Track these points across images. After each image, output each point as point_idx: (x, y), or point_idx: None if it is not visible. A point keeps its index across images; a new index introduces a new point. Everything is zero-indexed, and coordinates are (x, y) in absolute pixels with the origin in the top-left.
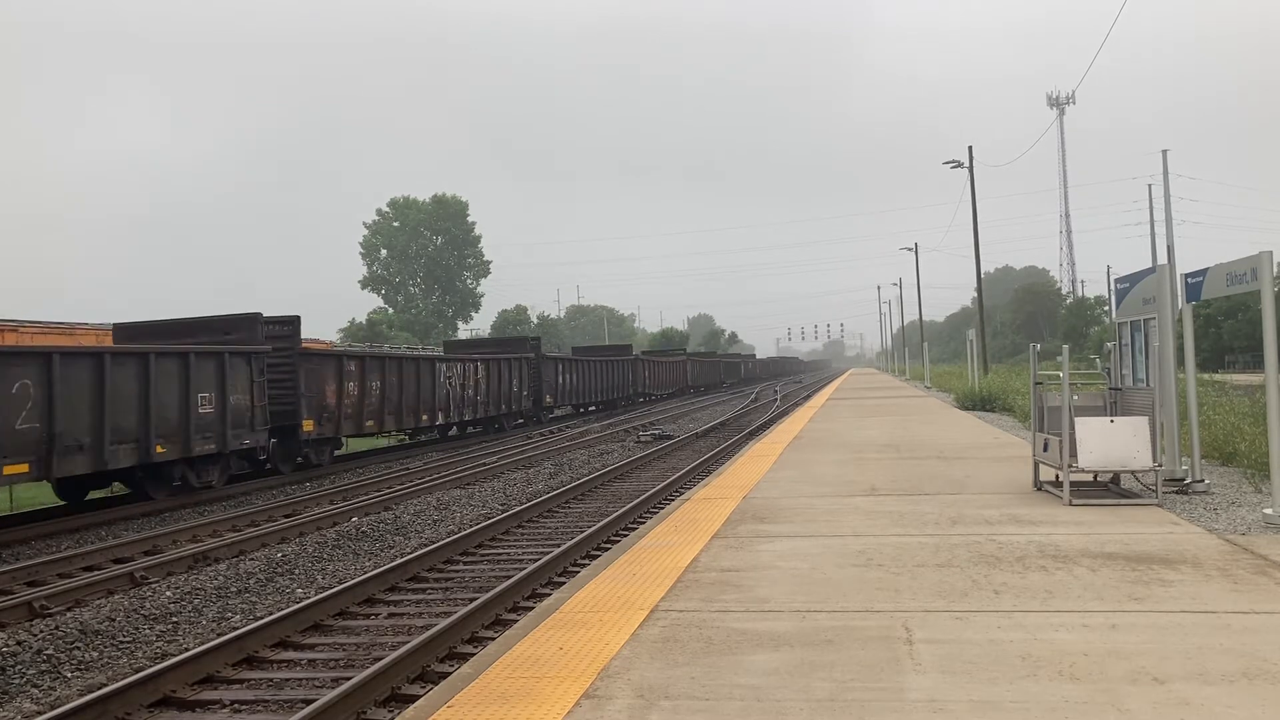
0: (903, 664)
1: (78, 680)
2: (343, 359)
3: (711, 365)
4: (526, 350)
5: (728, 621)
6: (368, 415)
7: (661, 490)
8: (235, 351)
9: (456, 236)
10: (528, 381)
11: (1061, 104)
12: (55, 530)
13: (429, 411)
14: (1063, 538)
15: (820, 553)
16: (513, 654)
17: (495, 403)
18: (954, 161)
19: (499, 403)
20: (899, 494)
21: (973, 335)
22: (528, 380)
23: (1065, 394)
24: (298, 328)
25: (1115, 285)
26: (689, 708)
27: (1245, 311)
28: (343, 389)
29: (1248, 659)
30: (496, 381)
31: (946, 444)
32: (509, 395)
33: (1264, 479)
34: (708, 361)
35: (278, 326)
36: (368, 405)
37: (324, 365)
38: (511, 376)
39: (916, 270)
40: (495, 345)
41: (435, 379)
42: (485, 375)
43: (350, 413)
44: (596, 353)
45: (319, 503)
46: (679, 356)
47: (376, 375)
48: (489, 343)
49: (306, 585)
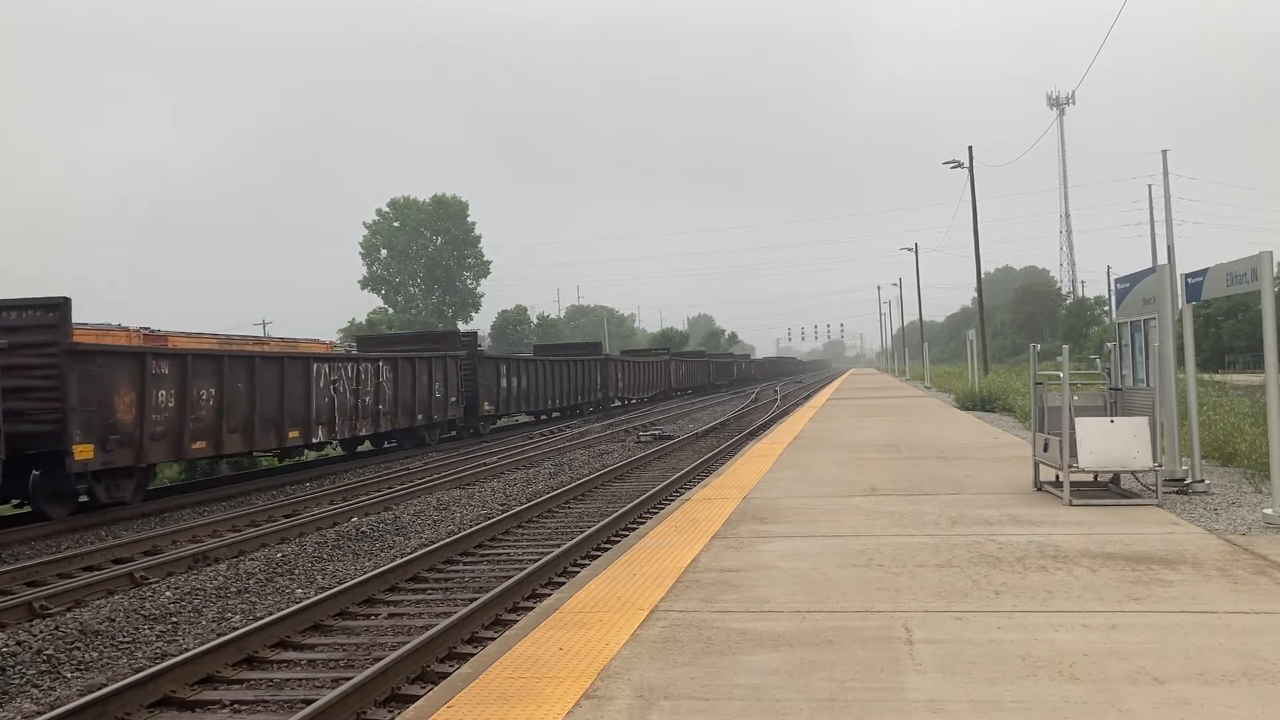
0: (903, 664)
1: (78, 680)
2: (147, 358)
3: (699, 366)
4: (456, 347)
5: (728, 622)
6: (195, 434)
7: (661, 490)
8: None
9: (456, 237)
10: (456, 385)
11: (1061, 104)
12: (55, 530)
13: (301, 426)
14: (1063, 538)
15: (820, 553)
16: (513, 654)
17: (406, 412)
18: (954, 161)
19: (412, 412)
20: (899, 494)
21: (973, 335)
22: (456, 384)
23: (1065, 394)
24: (67, 313)
25: (1115, 285)
26: (689, 708)
27: (1245, 311)
28: (148, 399)
29: (1248, 659)
30: (410, 386)
31: (946, 444)
32: (428, 403)
33: (1264, 479)
34: (695, 362)
35: (29, 314)
36: (194, 420)
37: (113, 368)
38: (431, 379)
39: (916, 270)
40: (417, 341)
41: (311, 384)
42: (393, 378)
43: (162, 432)
44: (558, 351)
45: (319, 503)
46: (661, 356)
47: (208, 380)
48: (411, 338)
49: (306, 585)
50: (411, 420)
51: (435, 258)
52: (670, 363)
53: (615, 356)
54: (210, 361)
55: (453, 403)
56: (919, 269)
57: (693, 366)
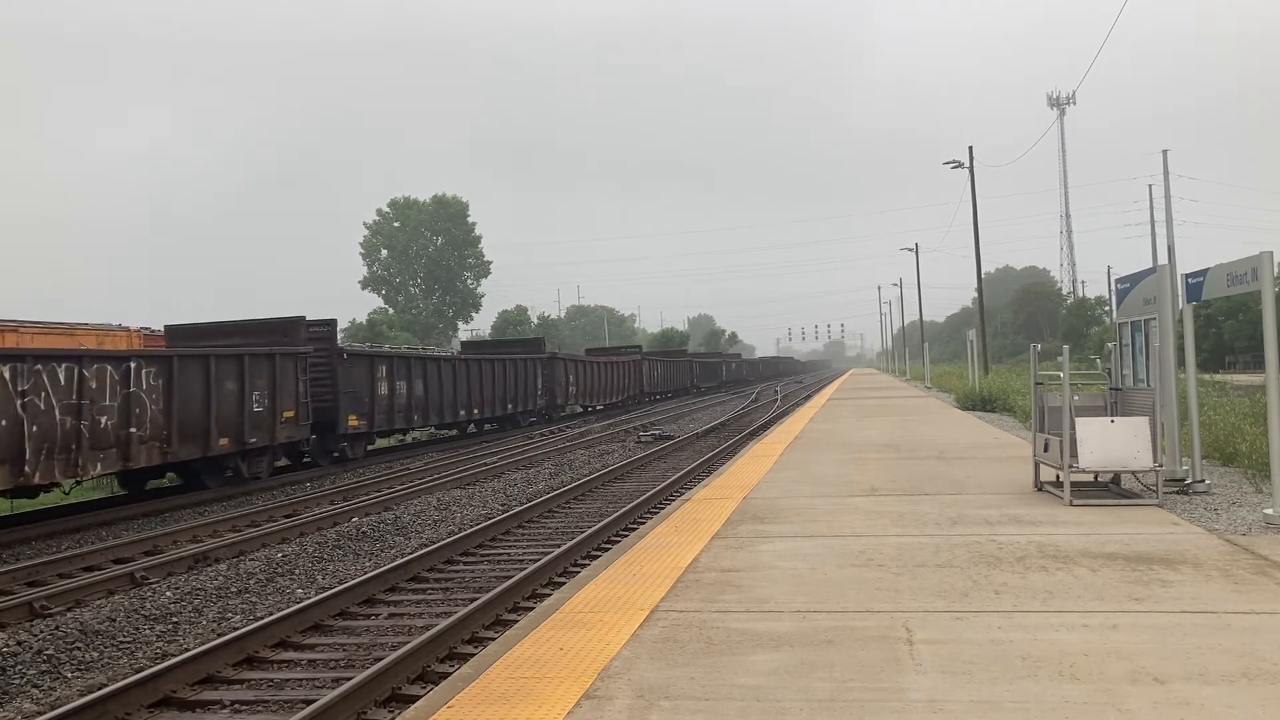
0: (903, 664)
1: (78, 680)
2: None
3: (677, 367)
4: (299, 340)
5: (728, 622)
6: None
7: (662, 490)
8: None
9: (457, 237)
10: (296, 394)
11: (1062, 104)
12: (55, 530)
13: None
14: (1063, 538)
15: (820, 553)
16: (513, 654)
17: (192, 435)
18: (954, 161)
19: (205, 436)
20: (899, 494)
21: (973, 335)
22: (296, 392)
23: (1066, 394)
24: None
25: (1116, 285)
26: (689, 708)
27: (1246, 312)
28: None
29: (1248, 659)
30: (202, 397)
31: (947, 444)
32: (238, 421)
33: (1264, 479)
34: (674, 362)
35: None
36: None
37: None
38: (247, 387)
39: (917, 270)
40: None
41: None
42: (163, 386)
43: None
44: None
45: (319, 503)
46: (631, 355)
47: None
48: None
49: (307, 585)
50: (205, 446)
51: (436, 258)
52: (643, 363)
53: (565, 355)
54: None
55: (288, 419)
56: (919, 269)
57: (670, 367)
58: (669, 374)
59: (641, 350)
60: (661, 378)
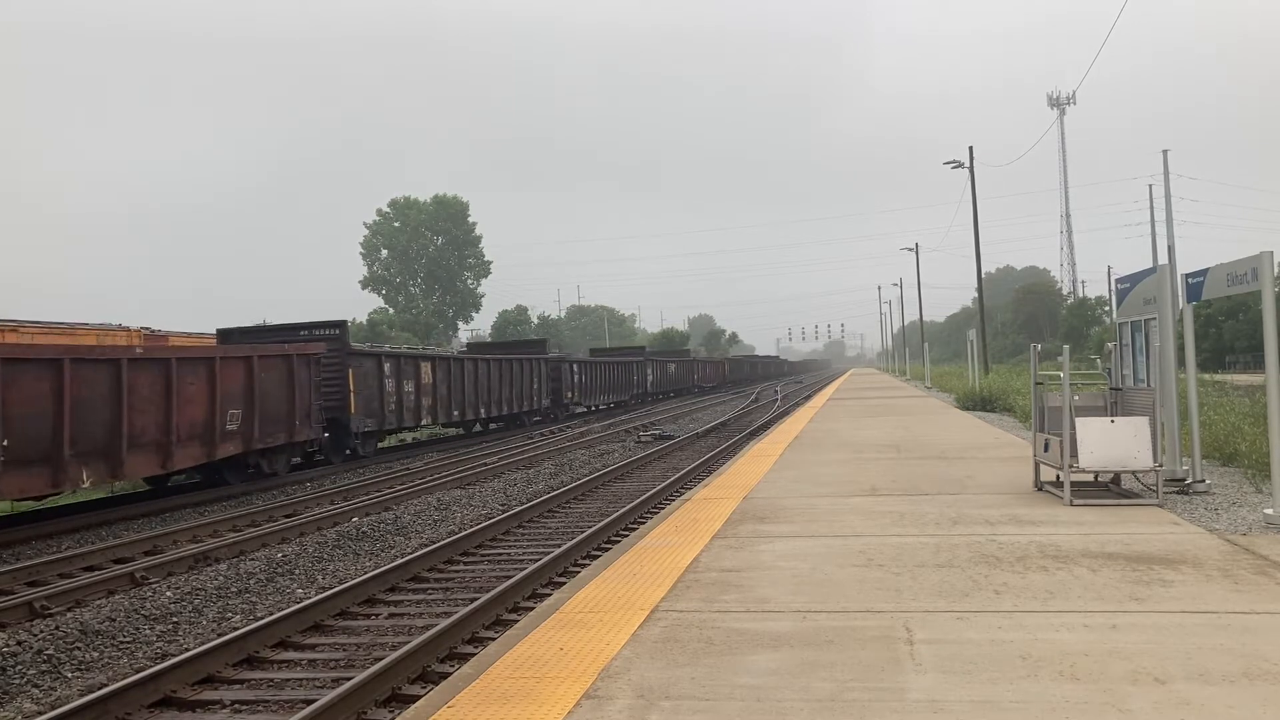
0: (903, 664)
1: (78, 680)
2: None
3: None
4: None
5: (728, 622)
6: None
7: (662, 490)
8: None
9: (457, 237)
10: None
11: (1062, 104)
12: (56, 530)
13: None
14: (1063, 538)
15: (821, 553)
16: (513, 654)
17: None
18: (954, 161)
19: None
20: (900, 494)
21: (973, 335)
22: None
23: (1066, 394)
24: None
25: (1116, 285)
26: (689, 708)
27: (1246, 312)
28: None
29: (1248, 659)
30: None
31: (947, 444)
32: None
33: (1265, 479)
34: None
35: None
36: None
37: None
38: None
39: (917, 270)
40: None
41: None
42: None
43: None
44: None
45: (319, 503)
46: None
47: None
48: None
49: (307, 585)
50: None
51: (436, 258)
52: (646, 364)
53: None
54: None
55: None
56: (919, 269)
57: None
58: (670, 374)
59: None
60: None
